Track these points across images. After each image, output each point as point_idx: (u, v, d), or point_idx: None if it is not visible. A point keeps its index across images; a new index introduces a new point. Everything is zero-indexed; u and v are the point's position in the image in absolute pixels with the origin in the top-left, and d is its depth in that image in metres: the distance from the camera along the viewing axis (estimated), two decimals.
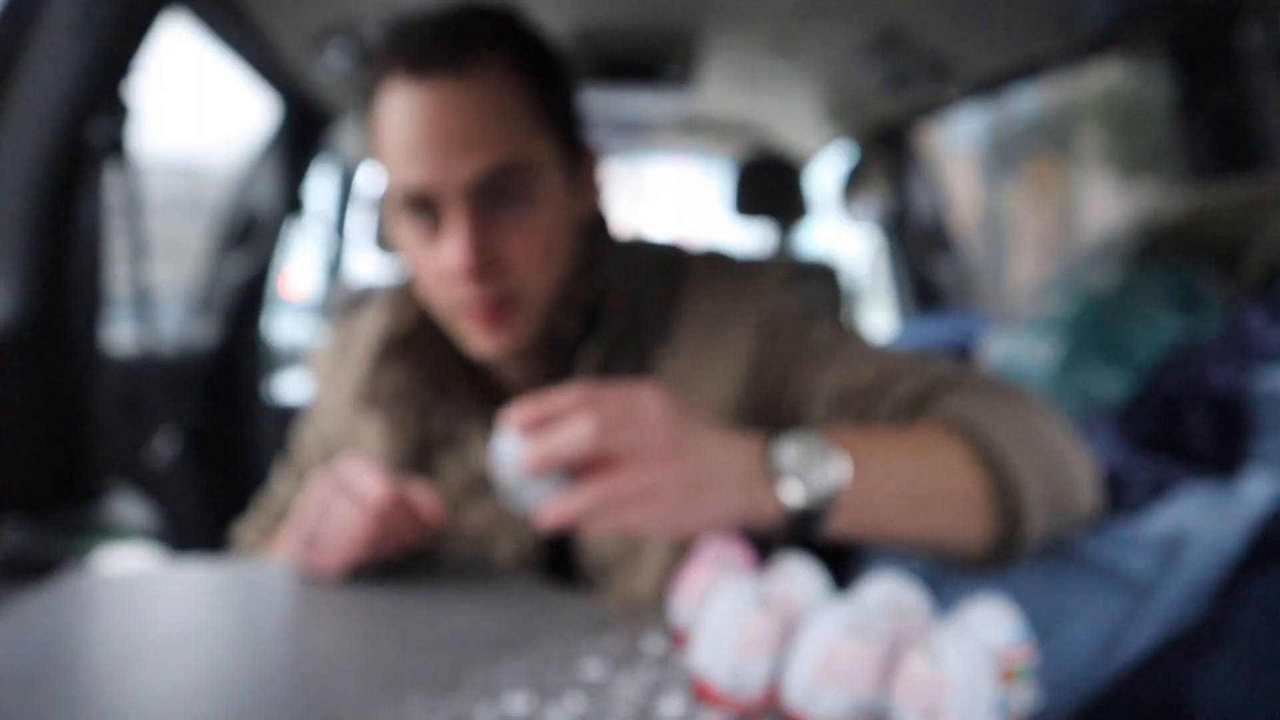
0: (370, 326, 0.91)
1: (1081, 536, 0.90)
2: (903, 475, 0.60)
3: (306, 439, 0.97)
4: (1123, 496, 0.99)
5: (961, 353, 1.83)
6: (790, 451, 0.58)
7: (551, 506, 0.55)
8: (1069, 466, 0.65)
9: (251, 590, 0.72)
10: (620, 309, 0.80)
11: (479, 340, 0.76)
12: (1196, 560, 0.64)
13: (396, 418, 0.85)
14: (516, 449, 0.56)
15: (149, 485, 1.45)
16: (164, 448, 1.44)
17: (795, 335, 0.78)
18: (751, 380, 0.77)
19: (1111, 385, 1.38)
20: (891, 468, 0.60)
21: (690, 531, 0.58)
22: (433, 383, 0.84)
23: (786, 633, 0.48)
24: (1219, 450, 1.12)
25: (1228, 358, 1.30)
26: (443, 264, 0.72)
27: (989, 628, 0.44)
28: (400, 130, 0.70)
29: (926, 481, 0.60)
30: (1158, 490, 0.98)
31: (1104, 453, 1.18)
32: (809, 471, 0.57)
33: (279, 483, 0.98)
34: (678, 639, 0.57)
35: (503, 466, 0.57)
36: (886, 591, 0.49)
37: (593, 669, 0.54)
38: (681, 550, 0.76)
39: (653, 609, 0.64)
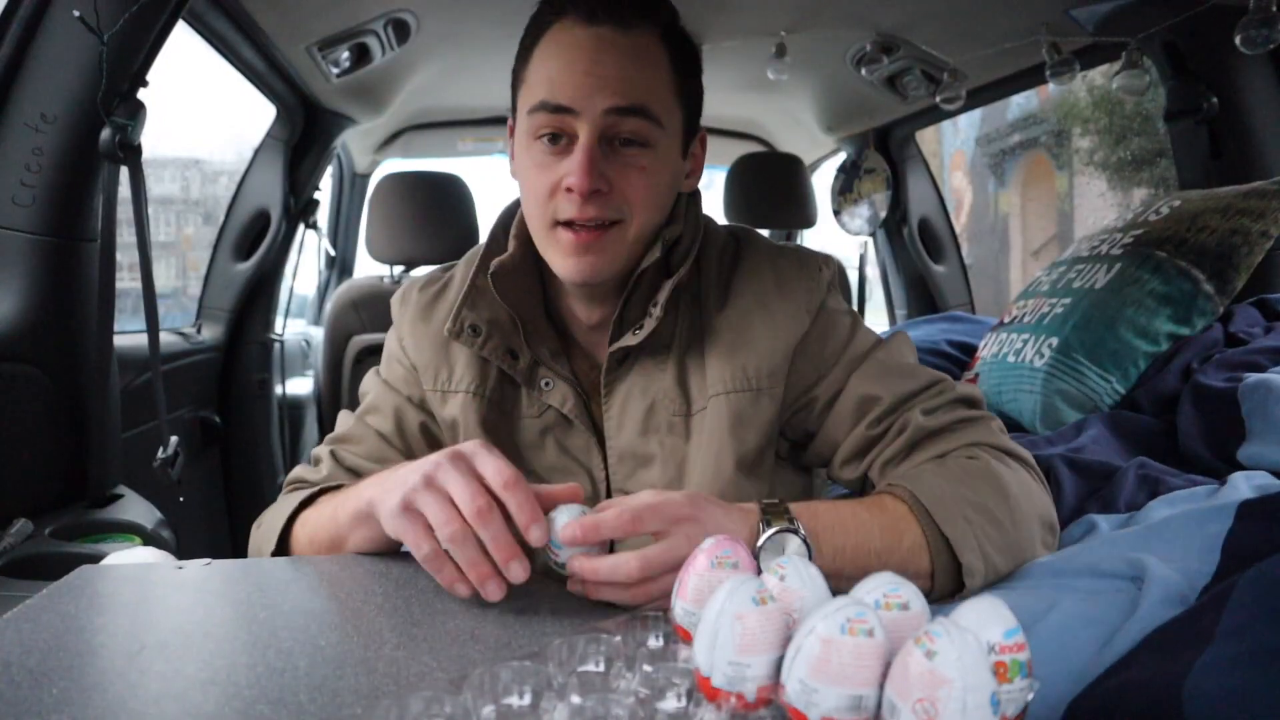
0: (464, 271, 0.97)
1: (1077, 537, 0.91)
2: (863, 552, 0.71)
3: (380, 379, 0.99)
4: (1115, 495, 1.00)
5: (959, 352, 1.84)
6: (771, 524, 0.69)
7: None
8: (1020, 524, 0.75)
9: (257, 589, 0.73)
10: (683, 254, 0.89)
11: (569, 261, 0.83)
12: (1170, 572, 0.65)
13: (486, 351, 0.90)
14: (569, 552, 0.67)
15: (157, 484, 1.46)
16: (171, 446, 1.45)
17: (841, 336, 0.90)
18: (793, 356, 0.88)
19: (1103, 384, 1.39)
20: (854, 544, 0.71)
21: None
22: (520, 316, 0.90)
23: (786, 629, 0.49)
24: (1209, 449, 1.13)
25: (1218, 357, 1.31)
26: (562, 184, 0.81)
27: (984, 624, 0.45)
28: (557, 60, 0.80)
29: (885, 558, 0.71)
30: (1150, 489, 0.99)
31: (1096, 452, 1.19)
32: (785, 543, 0.69)
33: (340, 425, 0.98)
34: (680, 635, 0.58)
35: (557, 557, 0.68)
36: (884, 588, 0.50)
37: (595, 665, 0.55)
38: None
39: (654, 606, 0.65)
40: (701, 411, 0.89)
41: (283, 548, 0.86)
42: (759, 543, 0.69)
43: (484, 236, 0.97)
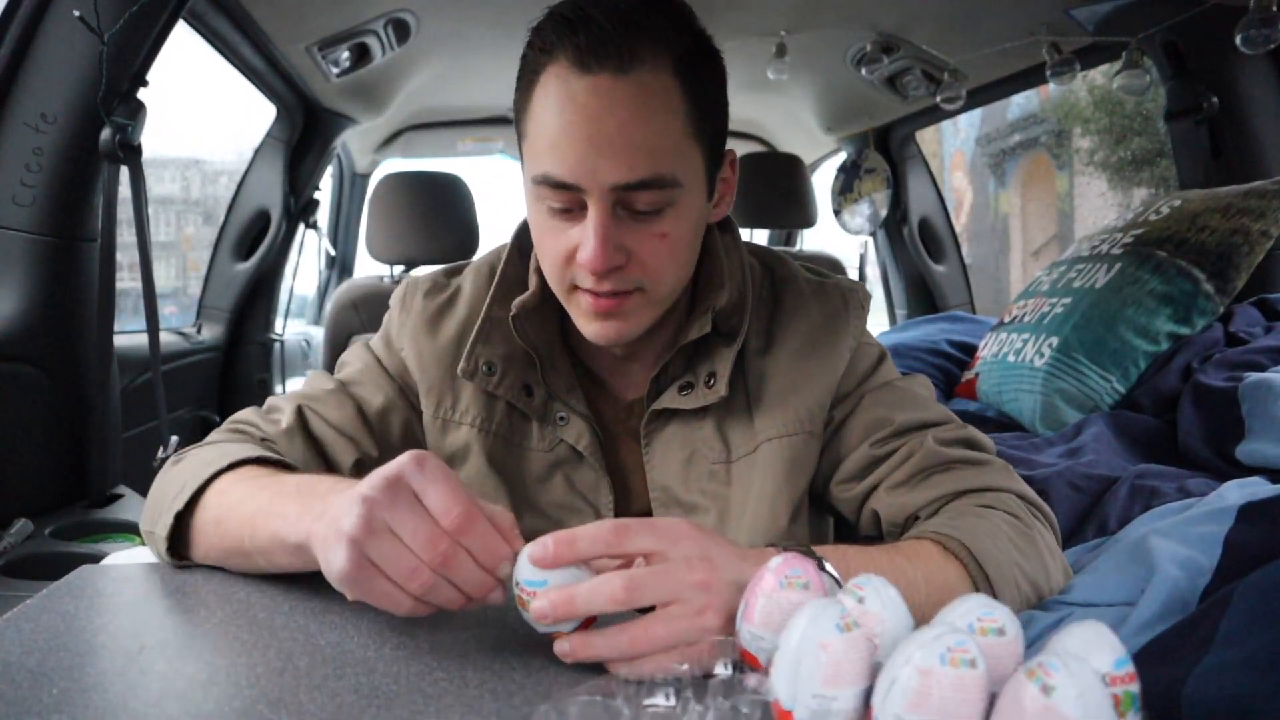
0: (475, 288, 0.91)
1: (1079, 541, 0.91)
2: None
3: (374, 356, 0.92)
4: (1108, 513, 0.99)
5: (959, 352, 1.84)
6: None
7: (573, 646, 0.54)
8: (1051, 594, 0.73)
9: (257, 589, 0.73)
10: (736, 316, 0.85)
11: (590, 324, 0.79)
12: (1174, 570, 0.65)
13: (502, 389, 0.86)
14: (538, 580, 0.54)
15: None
16: (171, 446, 1.45)
17: (867, 365, 0.88)
18: (834, 390, 0.86)
19: (1104, 384, 1.39)
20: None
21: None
22: (539, 354, 0.86)
23: (870, 657, 0.44)
24: (1209, 448, 1.13)
25: (1218, 356, 1.31)
26: (577, 253, 0.74)
27: (1092, 652, 0.40)
28: (556, 121, 0.71)
29: (928, 614, 0.60)
30: (1144, 503, 0.99)
31: (1096, 452, 1.18)
32: None
33: (313, 386, 0.90)
34: (748, 662, 0.52)
35: (524, 594, 0.55)
36: (977, 611, 0.45)
37: (665, 699, 0.48)
38: None
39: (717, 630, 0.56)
40: (747, 457, 0.84)
41: (189, 506, 0.73)
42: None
43: (484, 237, 0.93)
